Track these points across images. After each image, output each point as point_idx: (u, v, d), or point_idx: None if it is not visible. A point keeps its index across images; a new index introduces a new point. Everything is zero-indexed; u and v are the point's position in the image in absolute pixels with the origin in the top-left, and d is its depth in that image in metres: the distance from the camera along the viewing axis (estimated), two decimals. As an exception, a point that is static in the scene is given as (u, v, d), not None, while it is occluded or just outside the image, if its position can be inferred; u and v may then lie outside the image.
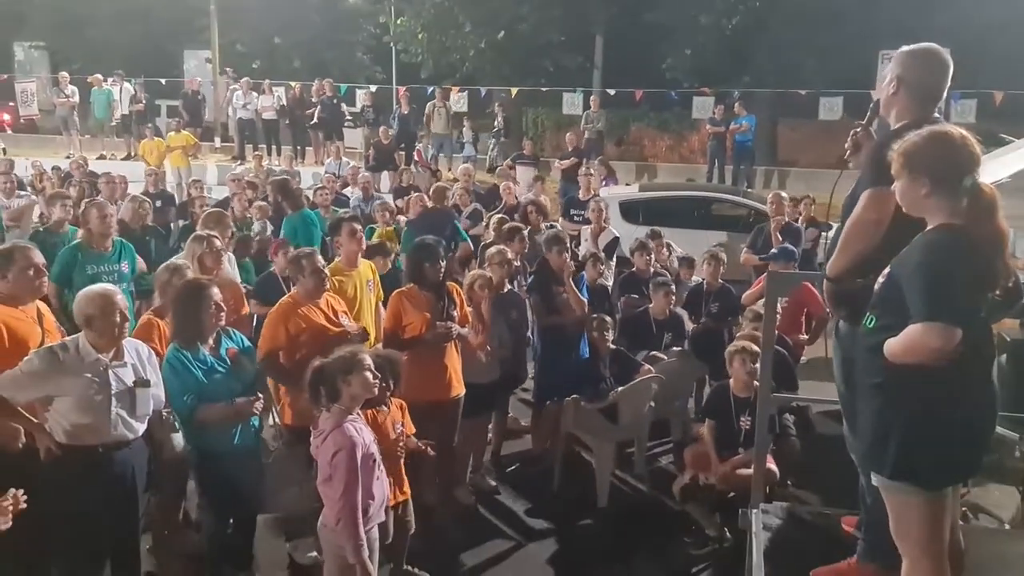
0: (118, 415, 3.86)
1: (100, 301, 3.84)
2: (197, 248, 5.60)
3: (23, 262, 4.23)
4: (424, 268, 5.29)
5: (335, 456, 3.64)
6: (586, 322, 6.33)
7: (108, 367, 3.85)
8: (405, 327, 5.26)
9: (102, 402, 3.81)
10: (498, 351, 5.86)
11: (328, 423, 3.73)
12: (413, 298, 5.30)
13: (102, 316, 3.81)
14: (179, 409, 4.24)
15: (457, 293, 5.54)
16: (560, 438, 6.16)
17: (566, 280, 6.34)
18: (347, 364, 3.75)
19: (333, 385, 3.73)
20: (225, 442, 4.32)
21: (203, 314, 4.27)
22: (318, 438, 3.75)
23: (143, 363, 4.03)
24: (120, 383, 3.87)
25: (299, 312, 4.93)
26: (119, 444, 3.89)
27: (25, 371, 3.76)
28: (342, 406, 3.74)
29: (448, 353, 5.33)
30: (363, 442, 3.70)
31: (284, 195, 7.85)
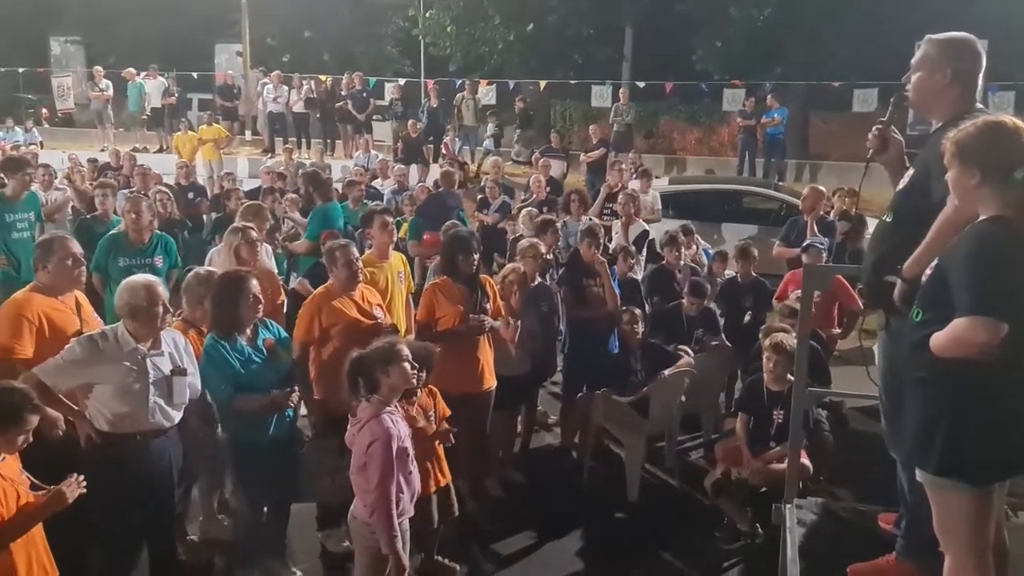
0: (155, 403, 3.90)
1: (144, 293, 3.89)
2: (234, 239, 5.65)
3: (62, 252, 4.30)
4: (457, 261, 5.29)
5: (371, 446, 3.66)
6: (617, 315, 6.31)
7: (146, 356, 3.89)
8: (438, 319, 5.27)
9: (140, 390, 3.86)
10: (528, 344, 5.85)
11: (366, 413, 3.75)
12: (447, 290, 5.31)
13: (146, 307, 3.87)
14: (217, 398, 4.29)
15: (490, 286, 5.55)
16: (590, 431, 6.16)
17: (602, 273, 6.34)
18: (386, 355, 3.77)
19: (372, 376, 3.74)
20: (261, 432, 4.36)
21: (241, 305, 4.31)
22: (355, 426, 3.77)
23: (180, 352, 4.07)
24: (158, 372, 3.92)
25: (332, 304, 4.96)
26: (156, 432, 3.94)
27: (66, 359, 3.82)
28: (380, 397, 3.76)
29: (481, 345, 5.34)
30: (399, 434, 3.72)
31: (315, 186, 7.90)
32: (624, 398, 5.92)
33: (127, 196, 6.66)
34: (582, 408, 6.16)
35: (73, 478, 3.38)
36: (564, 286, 6.51)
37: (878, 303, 3.06)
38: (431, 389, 4.59)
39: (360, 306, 5.06)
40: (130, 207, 6.31)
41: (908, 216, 2.93)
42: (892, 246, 2.96)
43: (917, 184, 2.96)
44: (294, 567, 4.75)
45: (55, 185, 9.81)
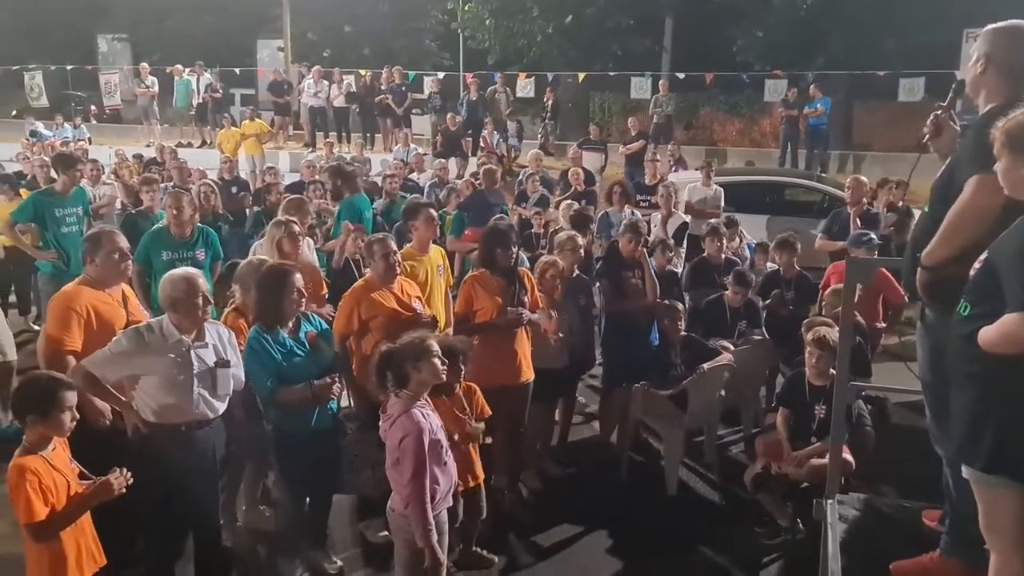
0: (200, 395, 3.98)
1: (184, 284, 3.95)
2: (276, 233, 5.72)
3: (109, 246, 4.40)
4: (496, 254, 5.31)
5: (403, 441, 3.68)
6: (656, 308, 6.29)
7: (191, 348, 3.97)
8: (476, 312, 5.29)
9: (184, 381, 3.93)
10: (567, 337, 5.85)
11: (396, 408, 3.77)
12: (485, 283, 5.32)
13: (186, 299, 3.93)
14: (260, 391, 4.35)
15: (528, 279, 5.55)
16: (628, 425, 6.15)
17: (643, 265, 6.33)
18: (416, 350, 3.78)
19: (401, 370, 3.76)
20: (303, 424, 4.41)
21: (284, 299, 4.36)
22: (386, 422, 3.80)
23: (224, 344, 4.14)
24: (202, 363, 3.99)
25: (371, 296, 5.01)
26: (201, 423, 4.01)
27: (114, 351, 3.91)
28: (410, 392, 3.77)
29: (519, 338, 5.34)
30: (430, 427, 3.73)
31: (341, 179, 7.96)
32: (663, 391, 5.90)
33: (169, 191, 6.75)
34: (621, 401, 6.15)
35: (120, 471, 3.47)
36: (603, 279, 6.51)
37: (917, 295, 3.01)
38: (470, 386, 4.60)
39: (399, 298, 5.11)
40: (171, 202, 6.43)
41: (943, 206, 2.87)
42: (930, 237, 2.90)
43: (951, 174, 2.90)
44: (335, 557, 4.81)
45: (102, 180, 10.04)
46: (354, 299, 5.04)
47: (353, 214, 7.50)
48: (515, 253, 5.38)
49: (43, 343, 4.31)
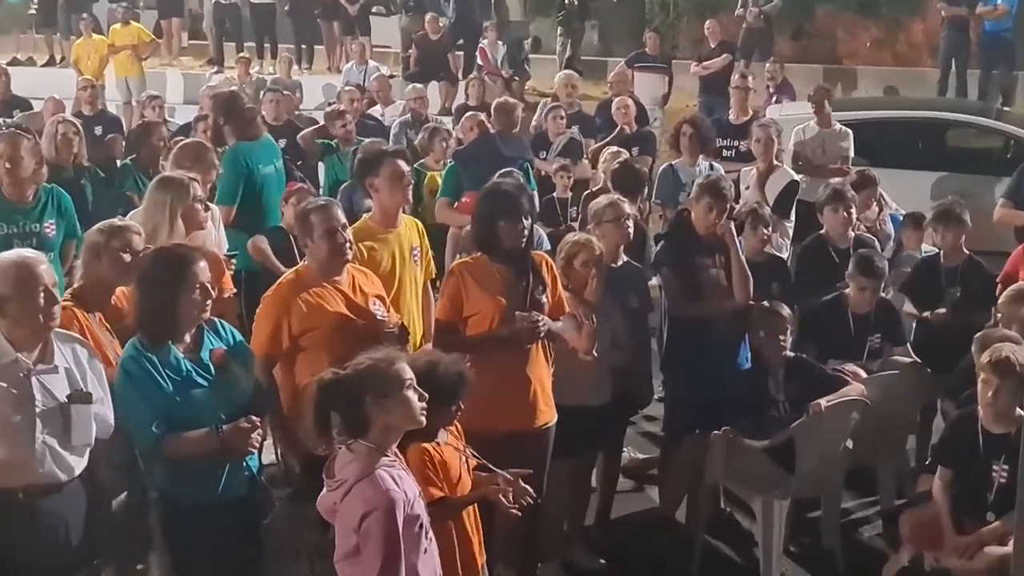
0: (45, 444, 3.98)
1: (14, 273, 3.97)
2: (167, 196, 5.72)
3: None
4: (498, 228, 5.30)
5: (364, 520, 3.67)
6: (748, 314, 6.31)
7: (31, 373, 3.97)
8: (468, 318, 5.30)
9: (21, 424, 3.94)
10: (610, 356, 5.86)
11: (351, 469, 3.75)
12: (481, 274, 5.33)
13: (19, 296, 3.94)
14: (139, 438, 4.35)
15: (548, 267, 5.56)
16: (704, 492, 6.17)
17: (730, 248, 6.34)
18: (379, 378, 3.77)
19: (357, 410, 3.76)
20: (206, 490, 4.41)
21: (181, 300, 4.36)
22: (334, 491, 3.79)
23: (82, 368, 4.15)
24: (48, 397, 4.00)
25: (308, 295, 5.04)
26: (47, 489, 4.02)
27: (-86, 376, 3.93)
28: (371, 443, 3.77)
29: (532, 359, 5.35)
30: (405, 498, 3.73)
31: (228, 116, 8.01)
32: (758, 442, 5.92)
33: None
34: (692, 456, 6.16)
35: None
36: (665, 268, 6.53)
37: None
38: (456, 429, 4.61)
39: (350, 298, 5.14)
40: (3, 149, 6.44)
41: None
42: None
43: None
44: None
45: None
46: (280, 301, 5.06)
47: (237, 173, 7.52)
48: (528, 228, 5.37)
49: None
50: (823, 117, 10.24)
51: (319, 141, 10.03)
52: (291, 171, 8.72)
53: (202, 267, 4.44)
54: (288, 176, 8.26)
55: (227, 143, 7.84)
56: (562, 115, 10.99)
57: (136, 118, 11.96)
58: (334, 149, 9.93)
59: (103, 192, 8.46)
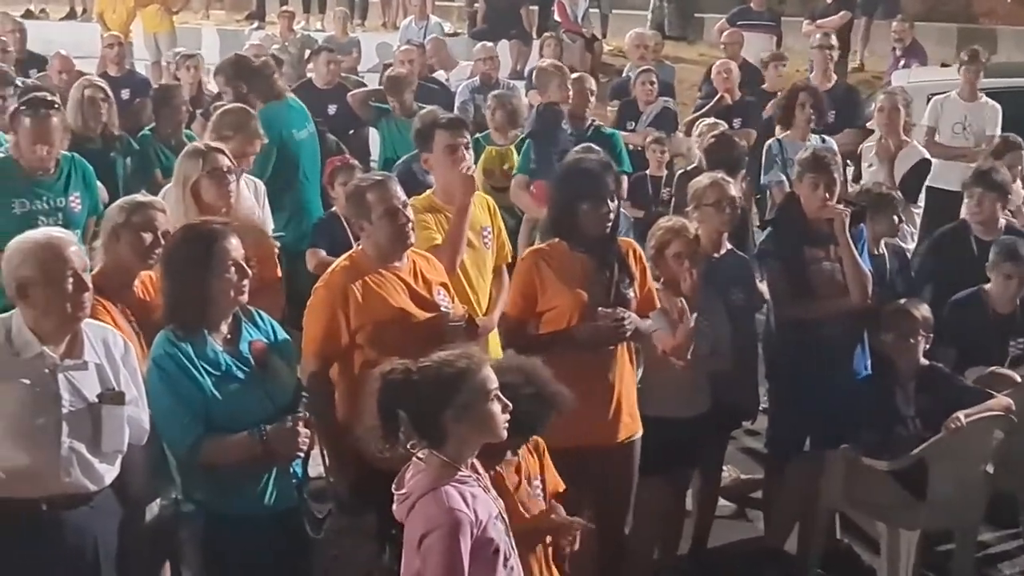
0: (72, 450, 4.04)
1: (40, 255, 4.03)
2: (191, 169, 5.78)
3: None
4: (579, 212, 5.30)
5: (424, 539, 3.69)
6: (870, 314, 6.25)
7: (57, 369, 4.03)
8: (543, 314, 5.32)
9: (45, 427, 4.00)
10: (708, 361, 5.86)
11: (417, 482, 3.78)
12: (559, 264, 5.35)
13: (44, 281, 4.00)
14: (174, 443, 4.41)
15: (636, 257, 5.55)
16: (818, 519, 6.15)
17: (839, 235, 6.26)
18: (463, 387, 3.78)
19: (432, 418, 3.78)
20: (248, 501, 4.47)
21: (212, 281, 4.40)
22: (403, 503, 3.82)
23: (115, 364, 4.21)
24: (76, 397, 4.06)
25: (365, 284, 5.06)
26: (73, 500, 4.08)
27: (-71, 371, 4.01)
28: (444, 455, 3.79)
29: (616, 363, 5.36)
30: (475, 518, 3.73)
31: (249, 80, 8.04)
32: (882, 463, 5.89)
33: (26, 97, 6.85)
34: (803, 478, 6.15)
35: None
36: (771, 259, 6.50)
37: None
38: (537, 445, 4.62)
39: (412, 287, 5.16)
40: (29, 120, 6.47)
41: None
42: None
43: None
44: None
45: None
46: (334, 291, 5.08)
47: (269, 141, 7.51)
48: (613, 211, 5.36)
49: None
50: (968, 85, 10.07)
51: (373, 104, 10.05)
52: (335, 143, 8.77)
53: (234, 243, 4.48)
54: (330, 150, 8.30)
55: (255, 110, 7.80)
56: (652, 80, 10.96)
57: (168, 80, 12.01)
58: (389, 112, 9.97)
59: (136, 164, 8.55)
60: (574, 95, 9.14)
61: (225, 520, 4.46)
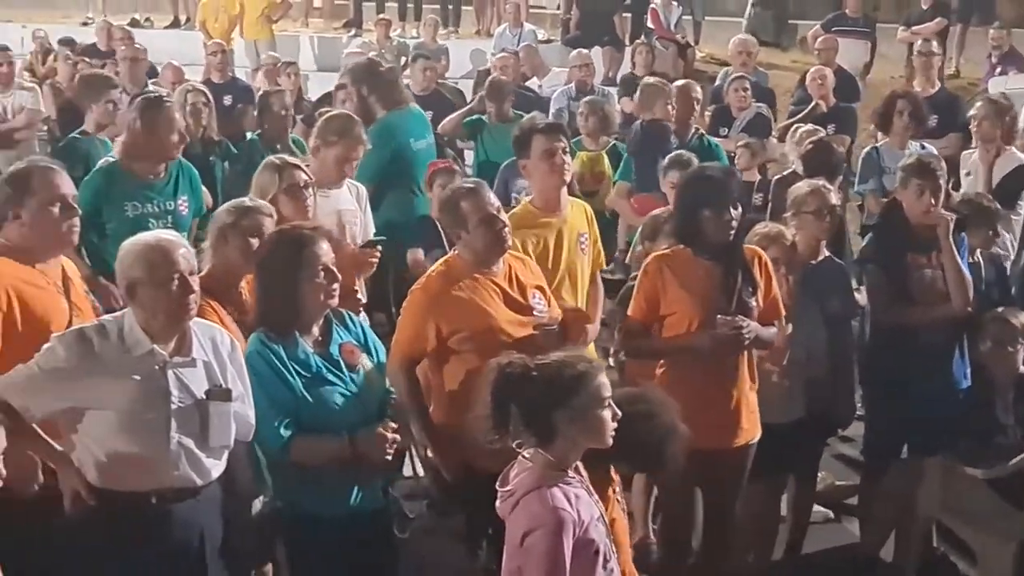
0: (180, 445, 4.11)
1: (148, 257, 4.09)
2: (270, 184, 5.86)
3: (45, 193, 4.58)
4: (702, 219, 5.30)
5: (527, 537, 3.70)
6: (971, 322, 6.20)
7: (167, 366, 4.11)
8: (665, 318, 5.33)
9: (155, 422, 4.07)
10: (804, 367, 5.84)
11: (522, 480, 3.79)
12: (682, 269, 5.35)
13: (151, 282, 4.06)
14: (264, 441, 4.49)
15: (761, 265, 5.51)
16: (915, 527, 6.09)
17: (943, 241, 6.20)
18: (580, 391, 3.78)
19: (545, 417, 3.79)
20: (336, 502, 4.53)
21: (302, 283, 4.47)
22: (506, 500, 3.84)
23: (222, 361, 4.27)
24: (185, 393, 4.13)
25: (460, 290, 5.10)
26: (181, 493, 4.15)
27: (45, 367, 4.07)
28: (552, 455, 3.80)
29: (735, 369, 5.36)
30: (578, 518, 3.74)
31: (374, 86, 8.08)
32: (981, 471, 5.83)
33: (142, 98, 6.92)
34: (899, 485, 6.08)
35: None
36: (871, 266, 6.46)
37: None
38: None
39: (507, 292, 5.19)
40: (168, 122, 6.54)
41: None
42: None
43: None
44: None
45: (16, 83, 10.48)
46: (429, 296, 5.13)
47: (389, 149, 7.63)
48: (737, 219, 5.33)
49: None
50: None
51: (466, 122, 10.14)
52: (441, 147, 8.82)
53: (324, 248, 4.55)
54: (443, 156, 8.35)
55: (376, 116, 7.90)
56: (746, 86, 10.90)
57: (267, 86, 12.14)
58: (483, 125, 9.99)
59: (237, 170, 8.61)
60: (679, 103, 9.13)
61: (313, 520, 4.52)
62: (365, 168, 7.39)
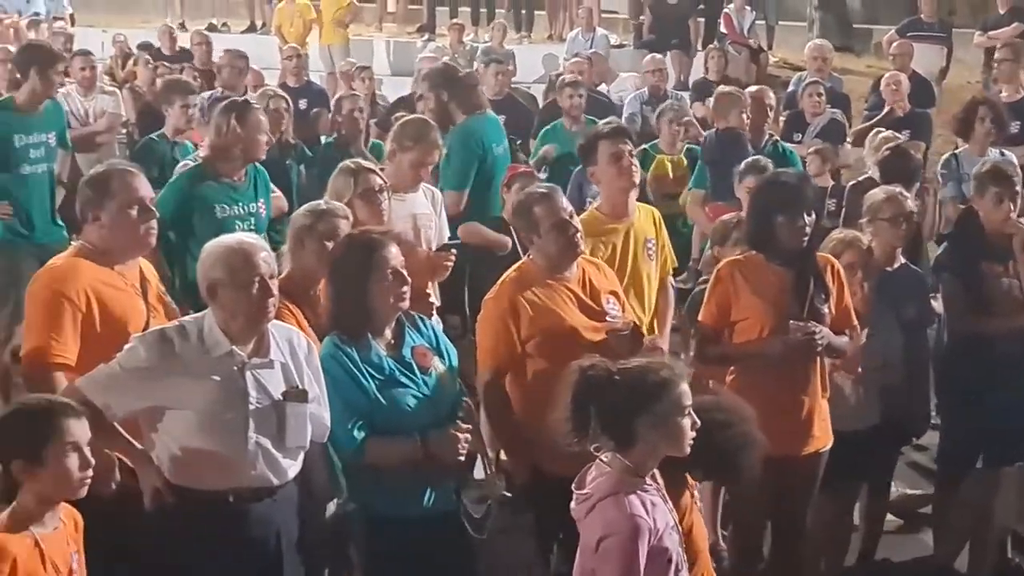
0: (258, 445, 4.15)
1: (230, 259, 4.14)
2: (345, 188, 5.90)
3: (125, 195, 4.64)
4: (776, 225, 5.28)
5: (602, 542, 3.70)
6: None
7: (245, 367, 4.15)
8: (736, 324, 5.32)
9: (234, 422, 4.12)
10: (879, 375, 5.78)
11: (599, 484, 3.79)
12: (754, 275, 5.33)
13: (232, 284, 4.11)
14: (338, 442, 4.52)
15: (833, 272, 5.48)
16: (990, 535, 6.04)
17: (1018, 251, 6.14)
18: (662, 398, 3.78)
19: (623, 419, 3.79)
20: (410, 502, 4.55)
21: (372, 286, 4.51)
22: (581, 504, 3.84)
23: (299, 363, 4.31)
24: (262, 394, 4.17)
25: (534, 295, 5.10)
26: (258, 493, 4.19)
27: (126, 366, 4.14)
28: (630, 460, 3.80)
29: (807, 377, 5.32)
30: (653, 527, 3.74)
31: (453, 90, 8.09)
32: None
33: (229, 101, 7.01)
34: (977, 495, 6.03)
35: None
36: (947, 274, 6.37)
37: None
38: None
39: (580, 298, 5.18)
40: (257, 121, 6.61)
41: None
42: None
43: None
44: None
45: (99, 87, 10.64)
46: (503, 302, 5.14)
47: (470, 154, 7.63)
48: (811, 225, 5.29)
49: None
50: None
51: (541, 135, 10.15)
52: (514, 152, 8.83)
53: (393, 251, 4.59)
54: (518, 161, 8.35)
55: (455, 121, 7.89)
56: (820, 92, 10.83)
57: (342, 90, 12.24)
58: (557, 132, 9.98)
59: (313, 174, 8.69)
60: (753, 110, 9.05)
61: (386, 521, 4.55)
62: (453, 174, 7.47)
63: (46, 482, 3.61)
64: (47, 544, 3.63)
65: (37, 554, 3.59)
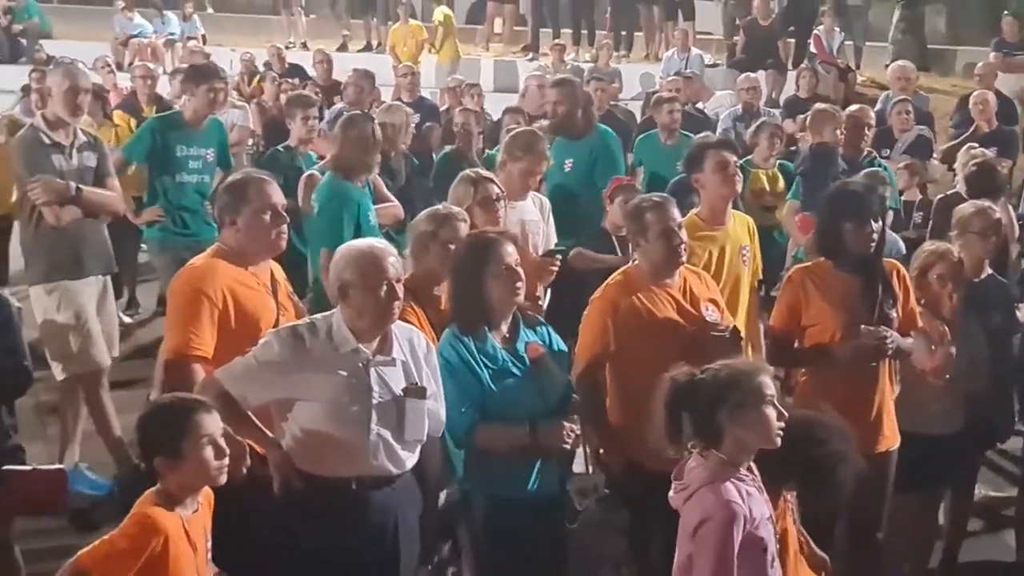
0: (379, 437, 4.21)
1: (361, 262, 4.20)
2: (464, 196, 5.94)
3: (259, 201, 4.75)
4: (844, 232, 5.23)
5: (699, 528, 3.71)
6: None
7: (370, 363, 4.21)
8: (807, 328, 5.27)
9: (359, 415, 4.18)
10: (965, 381, 5.69)
11: (696, 474, 3.80)
12: (823, 282, 5.28)
13: (362, 286, 4.17)
14: (453, 425, 4.58)
15: (900, 278, 5.43)
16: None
17: None
18: (740, 389, 3.78)
19: (710, 418, 3.79)
20: (516, 485, 4.61)
21: (489, 283, 4.58)
22: (680, 494, 3.85)
23: (418, 361, 4.37)
24: (385, 389, 4.23)
25: (637, 299, 5.11)
26: (378, 481, 4.25)
27: (262, 359, 4.23)
28: (723, 454, 3.80)
29: (876, 379, 5.27)
30: (749, 515, 3.73)
31: (586, 104, 8.08)
32: None
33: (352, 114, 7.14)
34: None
35: None
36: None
37: None
38: None
39: (680, 303, 5.19)
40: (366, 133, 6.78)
41: None
42: None
43: None
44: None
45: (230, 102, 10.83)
46: (606, 304, 5.16)
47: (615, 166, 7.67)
48: (878, 232, 5.25)
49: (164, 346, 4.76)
50: None
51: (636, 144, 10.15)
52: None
53: (509, 249, 4.67)
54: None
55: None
56: (908, 109, 10.71)
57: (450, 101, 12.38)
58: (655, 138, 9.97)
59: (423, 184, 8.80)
60: (850, 129, 8.89)
61: (495, 501, 4.63)
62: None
63: (187, 473, 3.73)
64: (189, 524, 3.75)
65: (183, 532, 3.71)
